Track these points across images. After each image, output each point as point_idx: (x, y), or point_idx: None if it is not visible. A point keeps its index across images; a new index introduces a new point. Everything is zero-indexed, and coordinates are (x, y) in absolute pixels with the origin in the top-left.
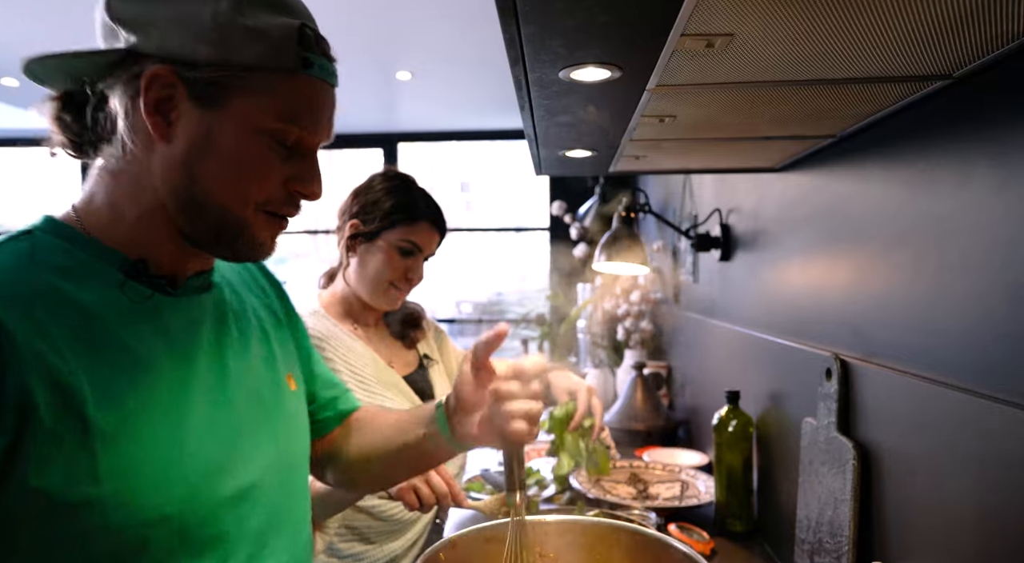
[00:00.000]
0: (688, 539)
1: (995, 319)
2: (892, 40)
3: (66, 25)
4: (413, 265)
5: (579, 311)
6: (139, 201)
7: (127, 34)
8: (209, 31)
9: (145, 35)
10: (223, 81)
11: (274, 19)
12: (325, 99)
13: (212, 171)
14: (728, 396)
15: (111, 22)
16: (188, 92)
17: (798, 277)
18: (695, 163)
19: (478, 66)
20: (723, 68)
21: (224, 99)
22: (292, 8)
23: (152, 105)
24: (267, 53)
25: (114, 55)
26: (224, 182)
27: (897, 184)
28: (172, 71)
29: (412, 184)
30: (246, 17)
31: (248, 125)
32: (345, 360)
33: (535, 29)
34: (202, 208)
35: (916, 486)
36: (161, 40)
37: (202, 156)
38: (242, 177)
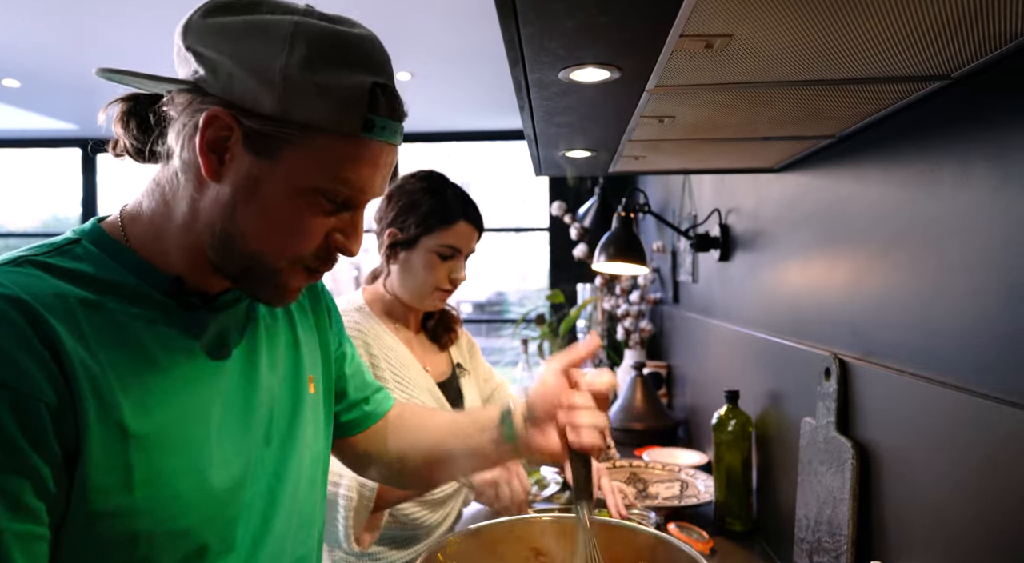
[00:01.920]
0: (687, 538)
1: (993, 319)
2: (890, 40)
3: (66, 25)
4: (455, 266)
5: (579, 311)
6: (184, 226)
7: (197, 66)
8: (276, 83)
9: (214, 73)
10: (280, 134)
11: (346, 77)
12: (383, 160)
13: (252, 219)
14: (727, 396)
15: (185, 50)
16: (244, 138)
17: (797, 277)
18: (694, 163)
19: (478, 67)
20: (722, 69)
21: (278, 151)
22: (369, 63)
23: (207, 144)
24: (330, 114)
25: (183, 85)
26: (262, 232)
27: (896, 184)
28: (232, 116)
29: (445, 183)
30: (316, 73)
31: (297, 182)
32: (387, 359)
33: (535, 30)
34: (235, 250)
35: (915, 485)
36: (228, 81)
37: (247, 202)
38: (281, 231)
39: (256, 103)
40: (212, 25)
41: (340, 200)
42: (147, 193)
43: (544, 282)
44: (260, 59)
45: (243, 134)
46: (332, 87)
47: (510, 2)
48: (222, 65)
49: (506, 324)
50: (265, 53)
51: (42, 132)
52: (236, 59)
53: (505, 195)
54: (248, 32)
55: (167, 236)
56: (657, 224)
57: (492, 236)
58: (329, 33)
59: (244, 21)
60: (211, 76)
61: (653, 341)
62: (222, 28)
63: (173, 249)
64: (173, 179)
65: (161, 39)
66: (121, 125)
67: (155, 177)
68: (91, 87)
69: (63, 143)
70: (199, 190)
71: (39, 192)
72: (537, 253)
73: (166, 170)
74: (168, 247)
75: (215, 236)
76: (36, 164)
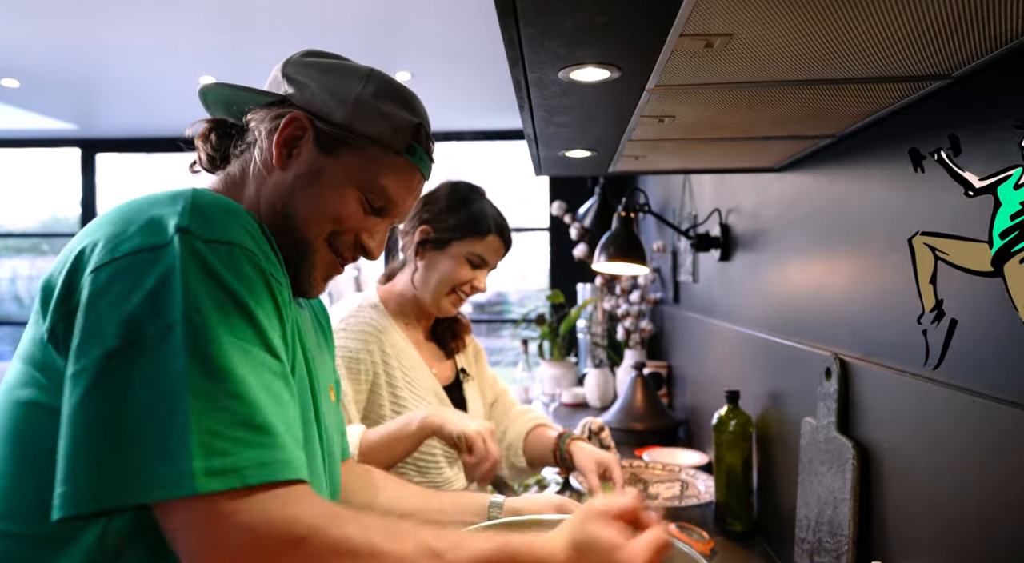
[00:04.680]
0: (688, 539)
1: (994, 319)
2: (891, 40)
3: (65, 25)
4: (478, 276)
5: (579, 311)
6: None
7: (287, 87)
8: (349, 102)
9: (300, 91)
10: (344, 138)
11: (401, 112)
12: (414, 184)
13: (307, 201)
14: (728, 396)
15: (281, 77)
16: (315, 137)
17: (798, 277)
18: (694, 163)
19: (478, 66)
20: (722, 68)
21: (339, 151)
22: (417, 110)
23: (283, 139)
24: (386, 132)
25: (272, 98)
26: (311, 211)
27: (897, 184)
28: (308, 118)
29: (482, 196)
30: (381, 102)
31: (350, 177)
32: (398, 357)
33: (534, 30)
34: (285, 229)
35: (915, 486)
36: (311, 97)
37: (305, 187)
38: (327, 211)
39: (330, 113)
40: (306, 61)
41: (376, 205)
42: (221, 185)
43: (544, 282)
44: (339, 86)
45: (314, 134)
46: (390, 114)
47: (510, 2)
48: (307, 86)
49: (506, 324)
50: (345, 83)
51: (41, 132)
52: (320, 83)
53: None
54: (333, 69)
55: None
56: (657, 224)
57: None
58: (394, 83)
59: (331, 62)
60: (297, 93)
61: (653, 341)
62: (313, 63)
63: None
64: (245, 170)
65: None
66: (202, 139)
67: (227, 173)
68: (90, 87)
69: (62, 143)
70: (266, 177)
71: (38, 192)
72: (537, 253)
73: (236, 166)
74: None
75: (275, 214)
76: (35, 164)
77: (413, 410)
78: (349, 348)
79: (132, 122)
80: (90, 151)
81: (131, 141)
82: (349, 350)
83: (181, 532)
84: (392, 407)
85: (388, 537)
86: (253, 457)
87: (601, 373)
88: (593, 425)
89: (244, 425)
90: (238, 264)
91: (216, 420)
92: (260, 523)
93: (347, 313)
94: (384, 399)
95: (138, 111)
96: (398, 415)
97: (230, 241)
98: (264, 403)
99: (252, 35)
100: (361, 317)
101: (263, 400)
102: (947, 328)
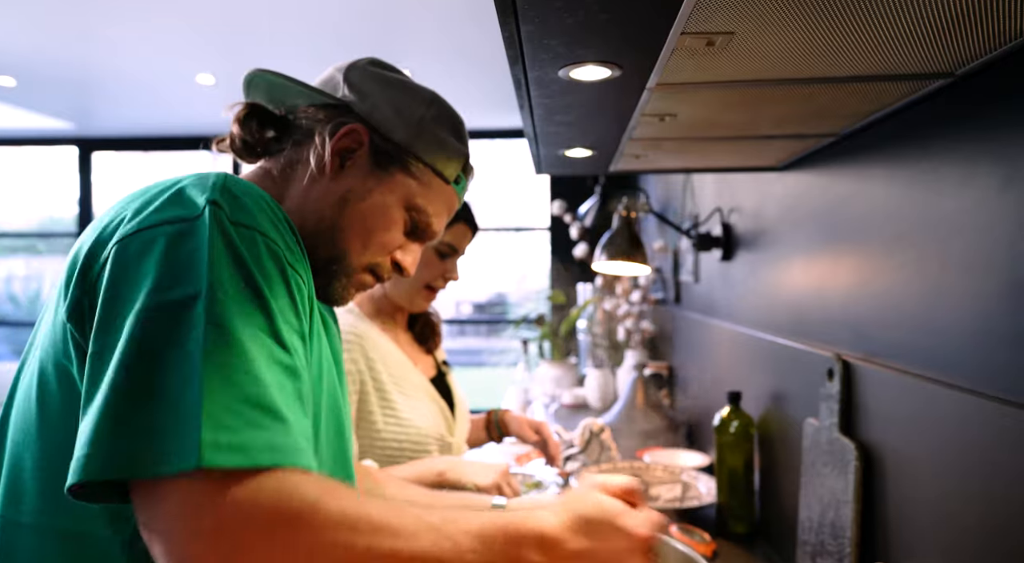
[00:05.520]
0: (689, 540)
1: (997, 319)
2: (893, 38)
3: (63, 23)
4: (450, 266)
5: (579, 311)
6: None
7: (347, 92)
8: (412, 124)
9: (361, 100)
10: (400, 158)
11: (455, 142)
12: (452, 210)
13: (357, 216)
14: (729, 397)
15: (342, 81)
16: (370, 152)
17: (800, 277)
18: (696, 162)
19: (477, 65)
20: (723, 67)
21: (393, 170)
22: (466, 140)
23: (339, 149)
24: (440, 160)
25: (331, 100)
26: (359, 229)
27: (899, 183)
28: (368, 134)
29: None
30: (440, 129)
31: (401, 197)
32: (383, 361)
33: (534, 28)
34: (329, 240)
35: (918, 487)
36: (372, 109)
37: (357, 202)
38: (375, 231)
39: (391, 131)
40: (373, 72)
41: (419, 225)
42: (257, 177)
43: (544, 282)
44: (404, 105)
45: (371, 150)
46: (445, 142)
47: (510, 0)
48: (370, 98)
49: (506, 324)
50: (410, 103)
51: (38, 131)
52: (385, 98)
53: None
54: (398, 85)
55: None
56: (658, 224)
57: (492, 236)
58: (452, 110)
59: (397, 77)
60: (359, 102)
61: (654, 342)
62: (379, 75)
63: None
64: (288, 169)
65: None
66: (239, 124)
67: (263, 165)
68: (87, 85)
69: (59, 141)
70: (314, 181)
71: (35, 191)
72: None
73: (277, 161)
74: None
75: (322, 222)
76: (32, 163)
77: (404, 412)
78: None
79: (130, 121)
80: (87, 150)
81: (128, 140)
82: None
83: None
84: (383, 412)
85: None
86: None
87: (602, 374)
88: (594, 426)
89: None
90: (259, 252)
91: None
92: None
93: None
94: (374, 405)
95: (136, 110)
96: (389, 420)
97: (254, 226)
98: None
99: (250, 33)
100: (341, 323)
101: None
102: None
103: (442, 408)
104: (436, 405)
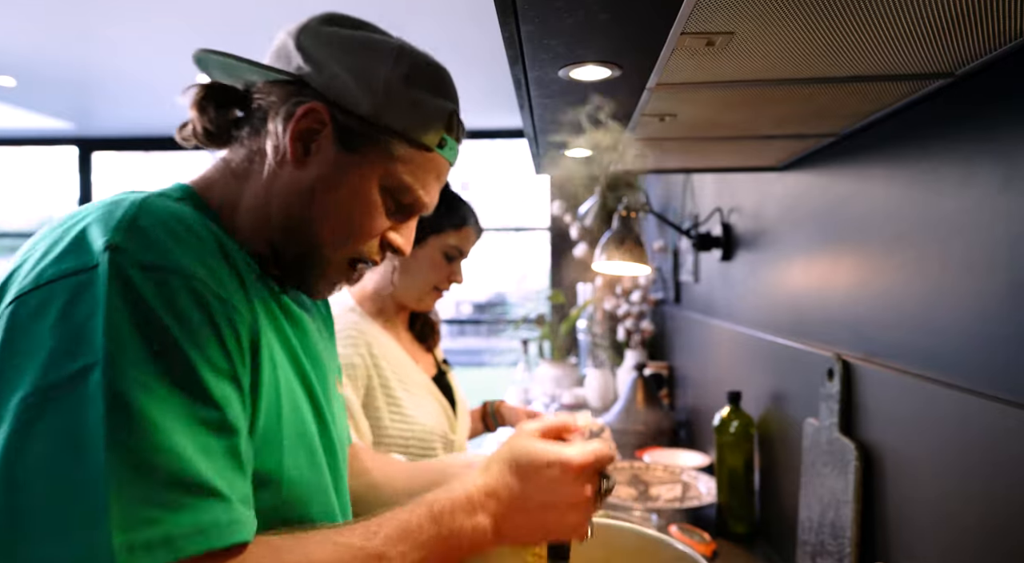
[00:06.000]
0: (689, 540)
1: (998, 319)
2: (893, 38)
3: (63, 23)
4: (456, 268)
5: (579, 311)
6: (255, 206)
7: (302, 63)
8: (378, 90)
9: (318, 70)
10: (369, 134)
11: (432, 99)
12: (443, 176)
13: (329, 206)
14: (729, 397)
15: (294, 49)
16: (335, 133)
17: (800, 277)
18: (696, 162)
19: (477, 65)
20: (724, 67)
21: (362, 149)
22: (451, 93)
23: (299, 133)
24: (416, 126)
25: (283, 76)
26: (334, 221)
27: (899, 183)
28: (328, 111)
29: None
30: (412, 89)
31: (378, 178)
32: (387, 359)
33: (534, 28)
34: (302, 234)
35: (919, 487)
36: (331, 80)
37: (326, 191)
38: (350, 221)
39: (354, 104)
40: (327, 32)
41: (405, 204)
42: (215, 170)
43: (544, 282)
44: (366, 68)
45: (335, 129)
46: (421, 103)
47: (510, 0)
48: (327, 66)
49: (506, 325)
50: (373, 65)
51: (38, 131)
52: (343, 64)
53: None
54: (359, 44)
55: (239, 211)
56: (658, 224)
57: (492, 236)
58: (426, 61)
59: (356, 35)
60: (315, 73)
61: (654, 341)
62: (335, 36)
63: (246, 228)
64: (248, 160)
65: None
66: (197, 109)
67: (224, 157)
68: (87, 85)
69: (59, 141)
70: (277, 173)
71: (35, 191)
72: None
73: (238, 151)
74: (241, 222)
75: (290, 217)
76: (32, 163)
77: (409, 410)
78: (341, 355)
79: (130, 121)
80: (87, 150)
81: (128, 140)
82: (342, 356)
83: None
84: (389, 409)
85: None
86: (188, 521)
87: (601, 374)
88: (594, 426)
89: (175, 484)
90: (172, 296)
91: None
92: None
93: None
94: (380, 402)
95: (136, 110)
96: (395, 417)
97: (165, 267)
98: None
99: (250, 34)
100: (344, 322)
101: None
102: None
103: (444, 406)
104: (439, 403)
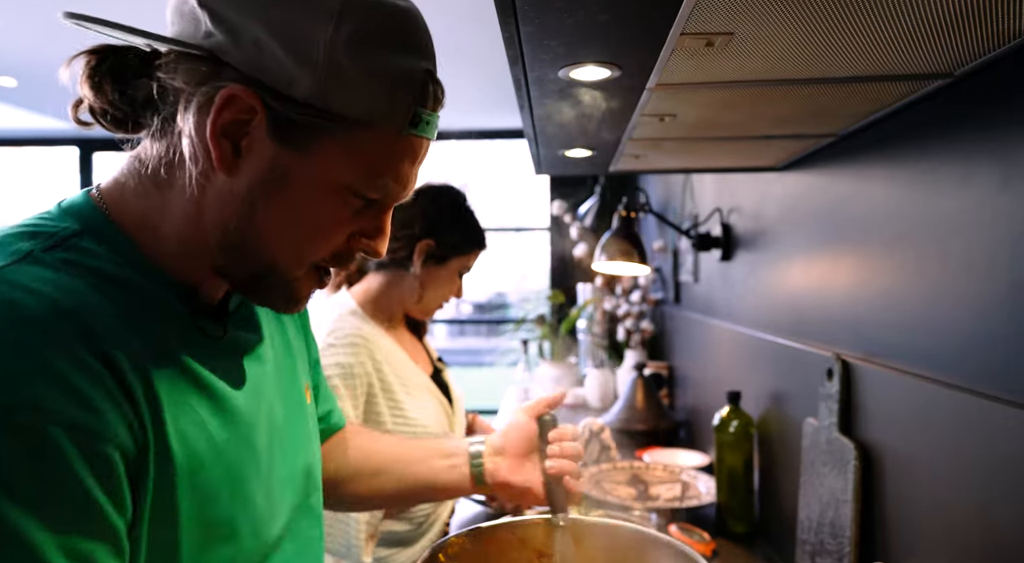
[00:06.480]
0: (689, 540)
1: (997, 319)
2: (892, 39)
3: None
4: (462, 282)
5: (579, 311)
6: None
7: (212, 28)
8: (319, 61)
9: (235, 39)
10: (315, 124)
11: (399, 61)
12: (420, 156)
13: (274, 218)
14: (729, 396)
15: (198, 7)
16: (269, 124)
17: (799, 277)
18: (695, 162)
19: (477, 65)
20: (723, 67)
21: (310, 142)
22: (421, 45)
23: (221, 128)
24: (377, 106)
25: (191, 49)
26: (286, 235)
27: (899, 183)
28: (257, 97)
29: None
30: (366, 54)
31: (330, 179)
32: (388, 361)
33: (534, 28)
34: (249, 254)
35: (918, 486)
36: (255, 53)
37: (269, 200)
38: (307, 233)
39: (290, 84)
40: None
41: (373, 199)
42: (130, 174)
43: (544, 282)
44: (299, 30)
45: (269, 119)
46: (383, 73)
47: (510, 0)
48: (247, 31)
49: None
50: (306, 23)
51: (39, 131)
52: (267, 26)
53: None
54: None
55: (164, 231)
56: (658, 224)
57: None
58: (381, 7)
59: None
60: (231, 43)
61: (654, 341)
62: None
63: (174, 247)
64: (167, 164)
65: None
66: (89, 85)
67: (138, 155)
68: None
69: (59, 142)
70: (204, 180)
71: (36, 191)
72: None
73: (154, 147)
74: (168, 245)
75: (227, 235)
76: (33, 163)
77: (411, 411)
78: (342, 364)
79: None
80: (87, 150)
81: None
82: (342, 366)
83: None
84: (391, 412)
85: None
86: None
87: (601, 374)
88: (594, 426)
89: None
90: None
91: None
92: None
93: (331, 326)
94: (382, 406)
95: None
96: (398, 420)
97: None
98: None
99: None
100: (346, 327)
101: None
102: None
103: (443, 404)
104: (438, 402)
